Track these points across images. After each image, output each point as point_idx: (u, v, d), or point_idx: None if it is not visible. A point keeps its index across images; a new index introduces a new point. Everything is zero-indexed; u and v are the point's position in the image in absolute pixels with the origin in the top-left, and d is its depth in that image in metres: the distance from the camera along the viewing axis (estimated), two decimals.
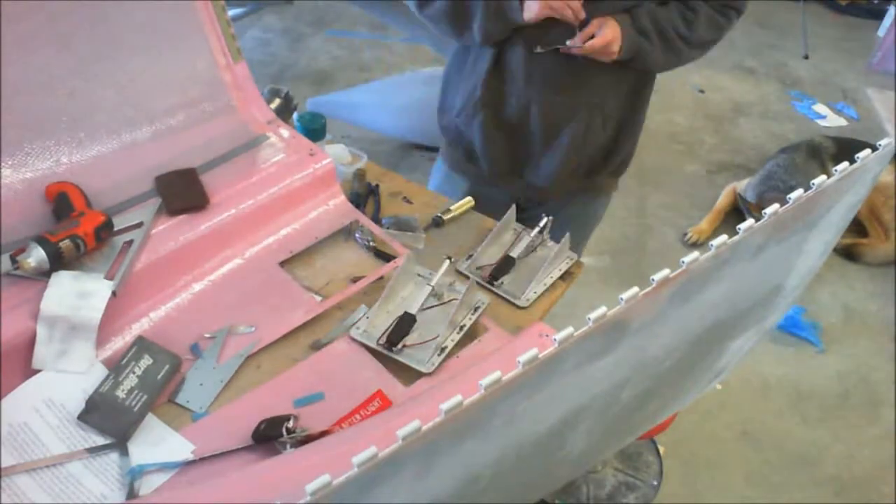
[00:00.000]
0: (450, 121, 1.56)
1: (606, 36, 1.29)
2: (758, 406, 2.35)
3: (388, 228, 1.30)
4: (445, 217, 1.35)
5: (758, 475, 2.16)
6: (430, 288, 1.14)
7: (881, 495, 2.14)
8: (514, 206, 1.35)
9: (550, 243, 1.33)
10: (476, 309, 1.15)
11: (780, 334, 2.57)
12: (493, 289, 1.22)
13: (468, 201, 1.39)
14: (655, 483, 1.93)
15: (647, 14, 1.34)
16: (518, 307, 1.20)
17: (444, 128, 1.60)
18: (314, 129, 1.42)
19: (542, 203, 1.57)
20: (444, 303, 1.15)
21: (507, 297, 1.21)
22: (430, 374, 1.05)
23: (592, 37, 1.30)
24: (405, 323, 1.10)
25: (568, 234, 1.29)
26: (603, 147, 1.51)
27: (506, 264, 1.24)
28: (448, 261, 1.18)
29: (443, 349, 1.08)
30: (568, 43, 1.32)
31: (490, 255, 1.27)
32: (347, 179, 1.41)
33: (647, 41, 1.34)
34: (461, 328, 1.11)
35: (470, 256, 1.20)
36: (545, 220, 1.33)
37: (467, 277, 1.21)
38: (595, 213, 1.71)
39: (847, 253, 2.95)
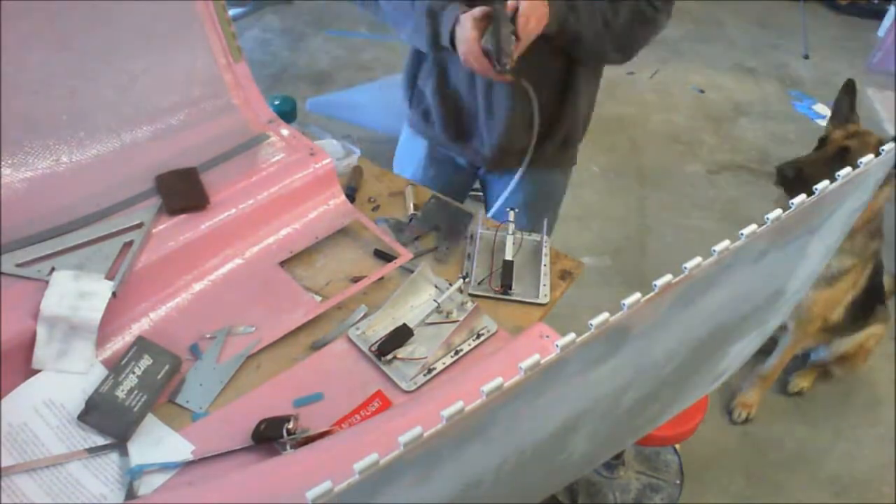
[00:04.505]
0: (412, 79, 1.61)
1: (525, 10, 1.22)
2: (758, 405, 2.35)
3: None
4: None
5: (758, 475, 2.16)
6: (436, 304, 1.13)
7: (881, 495, 2.15)
8: (479, 216, 1.33)
9: (527, 234, 1.34)
10: (479, 335, 1.12)
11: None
12: (510, 297, 1.21)
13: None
14: (678, 482, 1.94)
15: None
16: (541, 305, 1.20)
17: (408, 87, 1.64)
18: (285, 112, 1.43)
19: (495, 171, 1.63)
20: (446, 322, 1.13)
21: (528, 300, 1.21)
22: (410, 392, 1.04)
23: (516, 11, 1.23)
24: (400, 335, 1.09)
25: (546, 222, 1.34)
26: (542, 123, 1.51)
27: (508, 271, 1.23)
28: (461, 280, 1.17)
29: (430, 370, 1.07)
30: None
31: (483, 265, 1.27)
32: (343, 174, 1.41)
33: (573, 15, 1.31)
34: (457, 352, 1.10)
35: (465, 277, 1.20)
36: (511, 213, 1.33)
37: (478, 297, 1.20)
38: (554, 188, 1.71)
39: None
